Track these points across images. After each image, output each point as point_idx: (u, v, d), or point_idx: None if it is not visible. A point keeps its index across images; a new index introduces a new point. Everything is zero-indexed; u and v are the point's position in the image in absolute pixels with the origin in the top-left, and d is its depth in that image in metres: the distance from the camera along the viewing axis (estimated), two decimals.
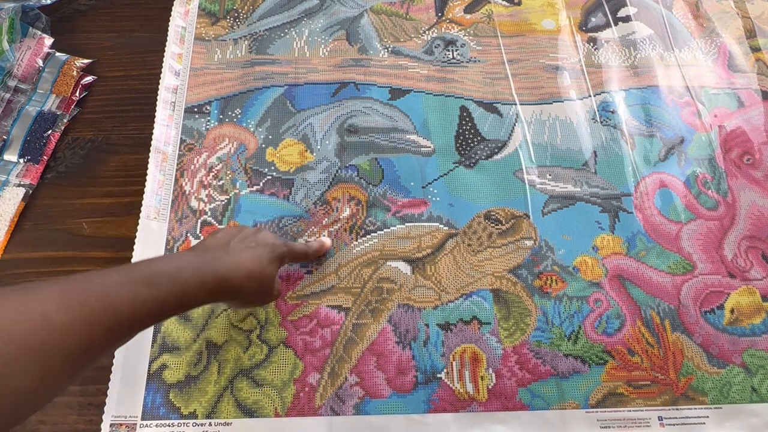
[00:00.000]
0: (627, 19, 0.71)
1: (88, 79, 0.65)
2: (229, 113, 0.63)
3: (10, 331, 0.27)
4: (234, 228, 0.48)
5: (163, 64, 0.65)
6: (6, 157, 0.60)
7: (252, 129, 0.62)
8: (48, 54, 0.66)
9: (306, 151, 0.61)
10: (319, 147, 0.62)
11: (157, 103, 0.63)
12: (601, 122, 0.64)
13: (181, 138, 0.61)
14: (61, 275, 0.54)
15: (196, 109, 0.63)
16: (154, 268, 0.37)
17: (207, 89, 0.64)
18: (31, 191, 0.59)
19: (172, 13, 0.69)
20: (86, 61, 0.66)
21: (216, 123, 0.63)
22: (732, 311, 0.54)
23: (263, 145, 0.61)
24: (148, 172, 0.59)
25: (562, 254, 0.56)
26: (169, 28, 0.67)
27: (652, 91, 0.66)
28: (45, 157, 0.60)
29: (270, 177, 0.60)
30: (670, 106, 0.65)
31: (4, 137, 0.61)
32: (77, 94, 0.64)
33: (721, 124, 0.64)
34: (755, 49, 0.69)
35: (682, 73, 0.67)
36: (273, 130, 0.62)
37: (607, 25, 0.70)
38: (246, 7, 0.70)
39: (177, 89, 0.64)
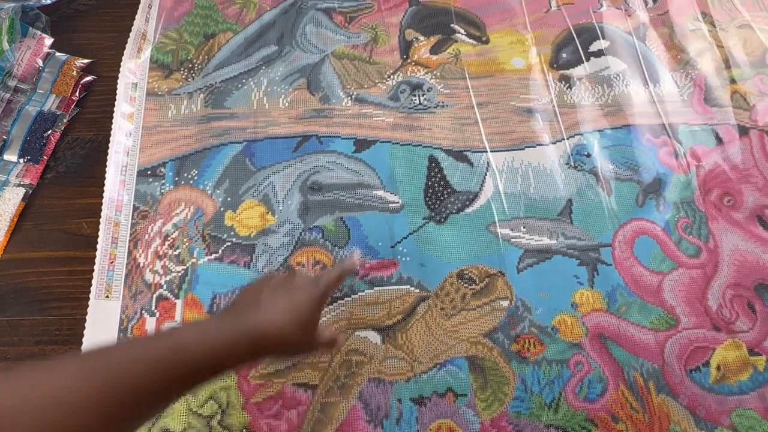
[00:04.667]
0: (599, 53, 0.68)
1: (88, 79, 0.65)
2: (185, 174, 0.60)
3: (21, 409, 0.27)
4: (265, 279, 0.44)
5: (113, 126, 0.62)
6: (6, 157, 0.60)
7: (209, 191, 0.59)
8: (48, 54, 0.66)
9: (267, 213, 0.58)
10: (281, 208, 0.58)
11: (107, 168, 0.59)
12: (575, 167, 0.61)
13: (134, 205, 0.58)
14: (61, 275, 0.55)
15: (149, 172, 0.60)
16: (177, 336, 0.36)
17: (161, 149, 0.61)
18: (31, 191, 0.58)
19: (120, 69, 0.65)
20: (86, 61, 0.66)
21: (171, 186, 0.59)
22: (718, 368, 0.52)
23: (222, 209, 0.58)
24: (97, 246, 0.55)
25: (540, 313, 0.54)
26: (117, 86, 0.64)
27: (627, 131, 0.63)
28: (45, 157, 0.60)
29: (229, 243, 0.56)
30: (646, 146, 0.62)
31: (4, 137, 0.60)
32: (77, 94, 0.64)
33: (699, 163, 0.62)
34: (732, 81, 0.67)
35: (658, 110, 0.65)
36: (232, 192, 0.59)
37: (579, 61, 0.68)
38: (201, 57, 0.67)
39: (129, 151, 0.61)
